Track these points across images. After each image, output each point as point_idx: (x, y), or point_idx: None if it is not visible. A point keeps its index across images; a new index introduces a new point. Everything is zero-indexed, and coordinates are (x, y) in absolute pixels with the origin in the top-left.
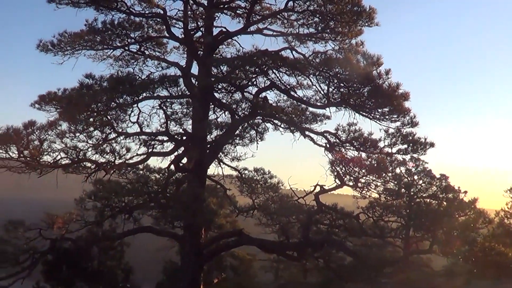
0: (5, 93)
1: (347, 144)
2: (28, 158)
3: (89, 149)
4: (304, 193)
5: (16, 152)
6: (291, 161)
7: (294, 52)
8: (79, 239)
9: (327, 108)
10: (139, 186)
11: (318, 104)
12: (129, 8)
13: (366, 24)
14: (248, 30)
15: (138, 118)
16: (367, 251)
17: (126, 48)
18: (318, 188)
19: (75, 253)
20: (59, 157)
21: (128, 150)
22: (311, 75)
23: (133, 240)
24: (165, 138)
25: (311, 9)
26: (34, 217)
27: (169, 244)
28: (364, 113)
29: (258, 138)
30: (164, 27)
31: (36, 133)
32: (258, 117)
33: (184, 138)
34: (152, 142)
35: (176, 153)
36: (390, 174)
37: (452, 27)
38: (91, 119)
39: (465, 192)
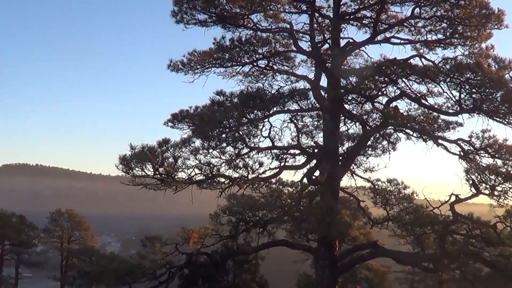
0: (140, 113)
1: (482, 152)
2: (163, 175)
3: (223, 165)
4: (439, 203)
5: (152, 170)
6: (425, 170)
7: (423, 59)
8: (215, 253)
9: (460, 115)
10: (273, 200)
11: (450, 111)
12: (255, 24)
13: (495, 27)
14: (375, 39)
15: (269, 133)
16: (505, 262)
17: (255, 64)
18: (453, 198)
19: (210, 267)
20: (193, 173)
21: (260, 164)
22: (442, 82)
23: (267, 254)
24: (297, 151)
25: (438, 14)
26: (170, 232)
27: (303, 257)
28: (498, 119)
29: (390, 148)
30: (291, 41)
31: (170, 150)
32: (390, 127)
33: (316, 150)
34: (284, 156)
35: (308, 166)
36: None
37: None
38: (224, 135)
39: None
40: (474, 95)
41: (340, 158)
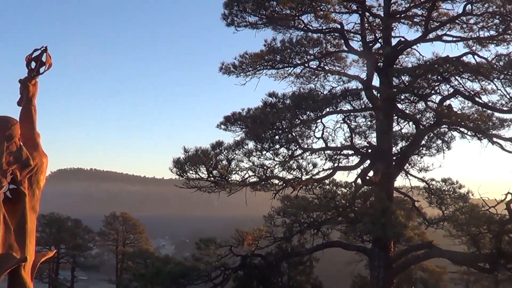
0: (192, 116)
1: None
2: (217, 178)
3: (276, 166)
4: (495, 202)
5: (206, 172)
6: (480, 169)
7: (475, 56)
8: (269, 255)
9: None
10: (327, 201)
11: (504, 108)
12: (306, 25)
13: None
14: (427, 37)
15: (322, 133)
16: None
17: (306, 65)
18: (509, 196)
19: (265, 268)
20: (247, 175)
21: (314, 165)
22: (495, 79)
23: (321, 255)
24: (350, 152)
25: (490, 11)
26: (224, 234)
27: (357, 258)
28: None
29: (445, 147)
30: (342, 41)
31: (224, 153)
32: (444, 126)
33: (370, 151)
34: (338, 157)
35: (362, 167)
36: None
37: None
38: (277, 137)
39: None
40: None
41: (394, 158)
